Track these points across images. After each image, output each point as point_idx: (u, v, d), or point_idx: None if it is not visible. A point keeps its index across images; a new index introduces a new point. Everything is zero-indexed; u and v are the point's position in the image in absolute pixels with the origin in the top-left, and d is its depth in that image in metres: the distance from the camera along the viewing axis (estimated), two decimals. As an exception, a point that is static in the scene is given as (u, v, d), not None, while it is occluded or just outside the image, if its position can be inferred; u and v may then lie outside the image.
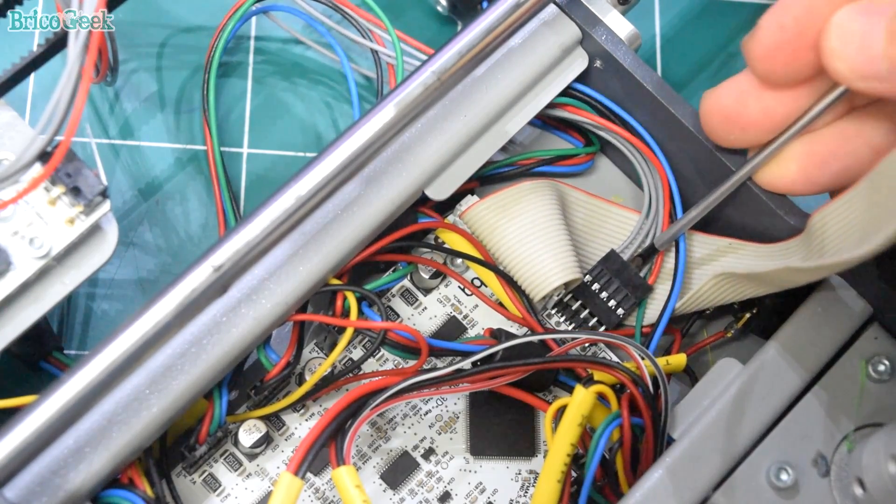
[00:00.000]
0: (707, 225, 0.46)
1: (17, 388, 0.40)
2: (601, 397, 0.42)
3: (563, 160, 0.49)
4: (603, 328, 0.46)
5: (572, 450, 0.41)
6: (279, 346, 0.43)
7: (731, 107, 0.41)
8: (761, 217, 0.44)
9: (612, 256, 0.46)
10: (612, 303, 0.46)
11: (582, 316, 0.46)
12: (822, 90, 0.40)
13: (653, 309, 0.46)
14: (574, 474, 0.43)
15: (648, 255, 0.46)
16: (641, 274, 0.46)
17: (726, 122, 0.42)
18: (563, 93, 0.47)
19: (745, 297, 0.45)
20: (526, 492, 0.45)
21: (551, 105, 0.46)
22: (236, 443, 0.43)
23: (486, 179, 0.48)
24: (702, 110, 0.43)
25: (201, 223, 0.50)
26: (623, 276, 0.46)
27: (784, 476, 0.40)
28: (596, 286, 0.46)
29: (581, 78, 0.47)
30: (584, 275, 0.46)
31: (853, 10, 0.37)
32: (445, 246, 0.46)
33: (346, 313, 0.43)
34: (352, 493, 0.39)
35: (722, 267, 0.45)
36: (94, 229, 0.39)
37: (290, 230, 0.41)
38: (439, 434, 0.45)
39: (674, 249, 0.46)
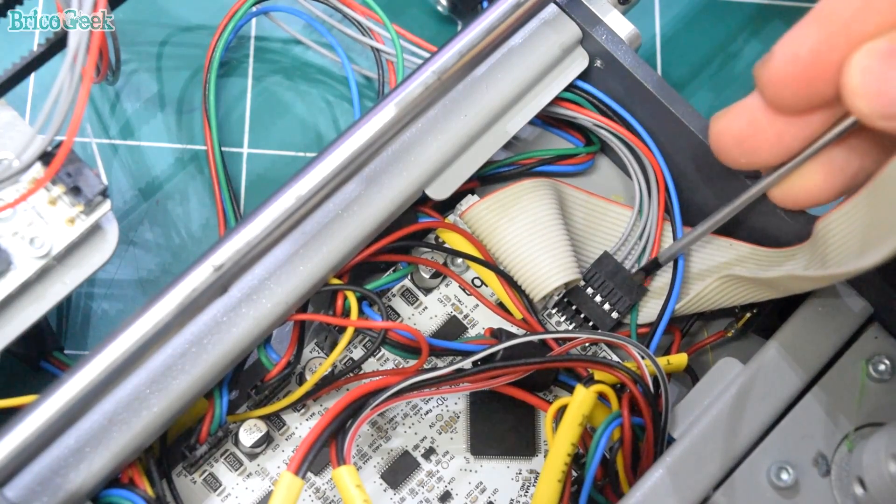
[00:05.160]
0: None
1: (17, 388, 0.40)
2: (602, 397, 0.42)
3: (564, 160, 0.49)
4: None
5: (573, 449, 0.41)
6: (279, 346, 0.43)
7: (744, 130, 0.40)
8: (760, 215, 0.44)
9: (605, 259, 0.46)
10: (606, 306, 0.46)
11: (583, 315, 0.46)
12: (835, 116, 0.39)
13: (653, 309, 0.46)
14: (574, 474, 0.43)
15: (651, 269, 0.46)
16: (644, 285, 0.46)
17: (738, 145, 0.41)
18: (564, 89, 0.47)
19: (748, 301, 0.45)
20: (526, 491, 0.45)
21: (552, 102, 0.46)
22: (237, 442, 0.43)
23: (486, 179, 0.48)
24: (711, 132, 0.42)
25: (201, 223, 0.50)
26: (617, 278, 0.46)
27: (784, 476, 0.40)
28: (590, 290, 0.46)
29: (581, 78, 0.47)
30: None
31: (874, 48, 0.36)
32: (446, 246, 0.46)
33: (346, 313, 0.43)
34: (352, 493, 0.39)
35: (724, 269, 0.45)
36: (95, 229, 0.39)
37: (291, 230, 0.41)
38: (440, 434, 0.45)
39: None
